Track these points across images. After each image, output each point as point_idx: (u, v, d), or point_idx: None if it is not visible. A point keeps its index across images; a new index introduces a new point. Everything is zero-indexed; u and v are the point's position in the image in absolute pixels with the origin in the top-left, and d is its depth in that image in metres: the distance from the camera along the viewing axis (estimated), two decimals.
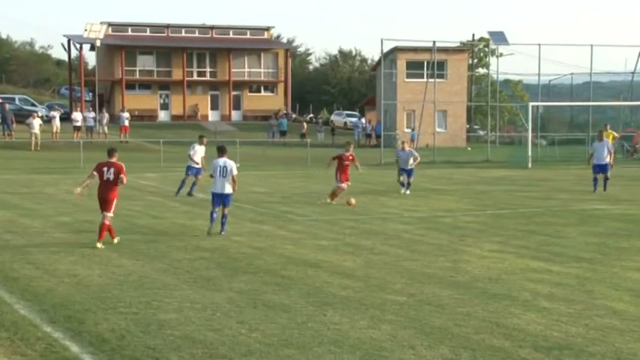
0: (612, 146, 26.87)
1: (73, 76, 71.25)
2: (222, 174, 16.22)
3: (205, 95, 70.07)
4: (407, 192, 24.57)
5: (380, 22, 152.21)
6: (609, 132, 35.30)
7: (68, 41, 68.35)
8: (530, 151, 39.67)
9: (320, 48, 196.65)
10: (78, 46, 67.95)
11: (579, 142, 48.36)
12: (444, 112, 56.37)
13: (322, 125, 63.62)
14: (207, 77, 70.35)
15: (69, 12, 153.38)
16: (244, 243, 15.31)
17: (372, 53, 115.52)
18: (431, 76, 46.63)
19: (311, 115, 78.54)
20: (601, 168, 25.33)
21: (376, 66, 65.61)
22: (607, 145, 25.69)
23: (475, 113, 67.22)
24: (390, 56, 57.29)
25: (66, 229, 16.88)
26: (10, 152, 40.14)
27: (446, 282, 11.96)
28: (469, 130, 61.66)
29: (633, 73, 49.04)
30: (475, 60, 70.02)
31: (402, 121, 57.33)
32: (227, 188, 16.28)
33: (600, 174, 25.33)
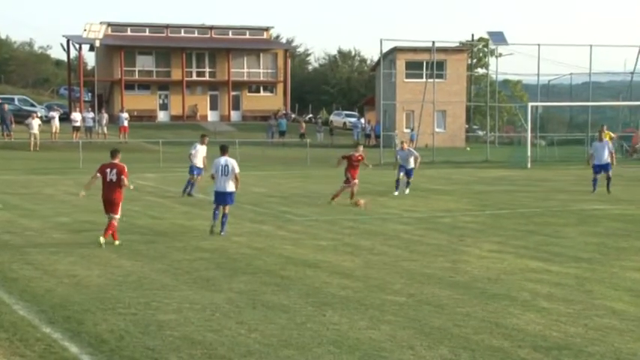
0: (612, 146, 26.86)
1: (72, 77, 71.19)
2: (223, 172, 16.26)
3: (204, 95, 70.05)
4: (406, 191, 24.54)
5: (379, 23, 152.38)
6: (606, 132, 35.29)
7: (67, 41, 68.31)
8: (529, 152, 39.71)
9: (319, 48, 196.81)
10: (77, 47, 67.94)
11: (578, 143, 48.39)
12: (443, 112, 56.38)
13: (322, 125, 63.62)
14: (206, 77, 70.32)
15: (68, 12, 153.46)
16: (244, 243, 15.31)
17: (372, 53, 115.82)
18: (430, 77, 46.63)
19: (310, 116, 78.51)
20: (602, 168, 25.33)
21: (375, 66, 65.62)
22: (607, 146, 25.69)
23: (474, 113, 67.26)
24: (390, 56, 57.30)
25: (65, 230, 16.88)
26: (9, 153, 40.11)
27: (445, 282, 11.96)
28: (468, 131, 61.69)
29: (632, 74, 49.06)
30: (474, 60, 70.05)
31: (402, 121, 57.34)
32: (229, 187, 16.30)
33: (600, 174, 25.31)
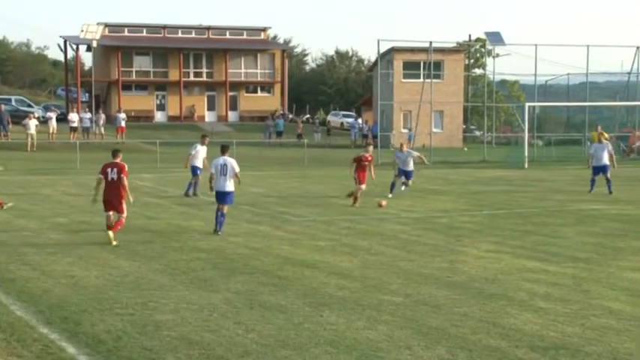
0: (612, 148, 26.83)
1: (70, 77, 71.06)
2: (222, 172, 16.35)
3: (202, 96, 69.98)
4: (402, 187, 24.36)
5: (377, 23, 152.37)
6: (601, 132, 35.29)
7: (64, 42, 68.21)
8: (526, 152, 39.74)
9: (317, 48, 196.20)
10: (74, 47, 67.84)
11: (576, 143, 48.47)
12: (441, 113, 56.39)
13: (319, 126, 63.60)
14: (203, 78, 70.25)
15: (65, 13, 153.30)
16: (241, 243, 15.32)
17: (369, 54, 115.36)
18: (427, 77, 46.67)
19: (307, 116, 78.48)
20: (601, 170, 25.33)
21: (373, 66, 65.61)
22: (607, 147, 25.70)
23: (472, 113, 67.25)
24: (387, 57, 57.31)
25: (62, 230, 16.87)
26: (6, 153, 40.01)
27: (442, 282, 11.97)
28: (465, 131, 61.68)
29: (629, 74, 49.15)
30: (472, 60, 70.00)
31: (399, 122, 57.36)
32: (228, 186, 16.37)
33: (599, 176, 25.30)
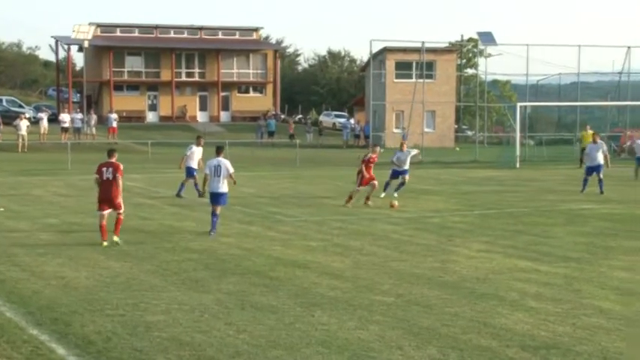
0: (606, 149, 26.82)
1: (61, 78, 70.90)
2: (215, 173, 16.36)
3: (194, 96, 69.90)
4: (395, 194, 23.54)
5: (369, 23, 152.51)
6: (589, 132, 35.38)
7: (56, 42, 68.07)
8: (518, 151, 39.80)
9: (309, 48, 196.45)
10: (66, 47, 67.66)
11: (567, 143, 48.59)
12: (433, 113, 56.46)
13: (311, 126, 63.61)
14: (195, 78, 70.18)
15: (57, 13, 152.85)
16: (233, 244, 15.30)
17: (361, 54, 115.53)
18: (420, 77, 46.76)
19: (300, 116, 78.47)
20: (594, 169, 25.38)
21: (365, 66, 65.67)
22: (601, 148, 25.74)
23: (463, 113, 67.36)
24: (379, 57, 57.36)
25: (53, 231, 16.80)
26: None
27: (434, 282, 11.97)
28: (457, 131, 61.78)
29: (620, 74, 49.36)
30: (464, 60, 70.12)
31: (391, 122, 57.40)
32: (221, 187, 16.39)
33: (592, 175, 25.33)
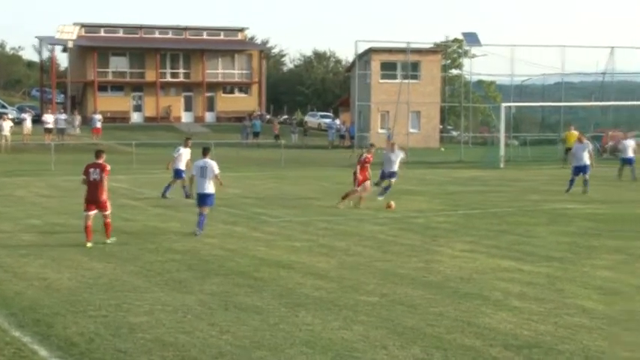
0: (592, 148, 26.94)
1: (45, 78, 70.52)
2: (202, 174, 16.39)
3: (179, 97, 69.68)
4: (380, 198, 23.46)
5: (355, 24, 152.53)
6: (572, 132, 35.55)
7: (40, 43, 67.70)
8: (502, 152, 39.94)
9: (294, 49, 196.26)
10: (50, 48, 67.29)
11: (551, 143, 48.79)
12: (418, 113, 56.57)
13: (296, 126, 63.60)
14: (180, 78, 69.96)
15: (41, 13, 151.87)
16: (216, 245, 15.26)
17: (347, 54, 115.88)
18: (405, 77, 46.84)
19: (285, 116, 78.43)
20: (580, 170, 25.51)
21: (350, 67, 65.71)
22: (587, 148, 25.89)
23: (448, 114, 67.54)
24: (365, 57, 57.42)
25: (35, 232, 16.71)
26: None
27: (418, 282, 12.00)
28: (442, 131, 61.95)
29: (604, 74, 49.65)
30: (448, 61, 70.33)
31: (376, 122, 57.46)
32: (208, 188, 16.41)
33: (579, 176, 25.45)
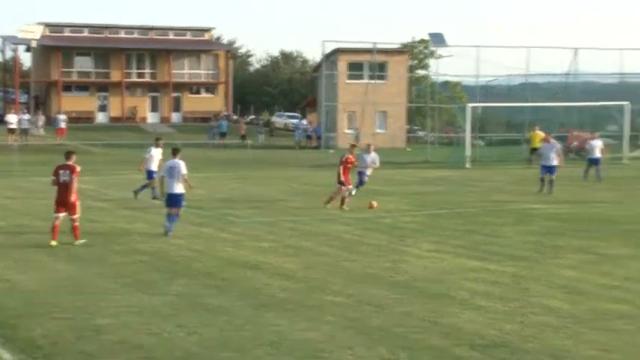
0: (560, 148, 27.17)
1: (7, 78, 69.59)
2: (171, 175, 16.42)
3: (145, 97, 69.14)
4: (353, 192, 23.55)
5: (321, 24, 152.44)
6: (537, 133, 35.88)
7: (2, 42, 66.72)
8: (468, 152, 40.18)
9: (261, 49, 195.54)
10: (13, 47, 66.38)
11: (516, 143, 49.22)
12: (384, 113, 56.74)
13: (263, 127, 63.45)
14: (146, 79, 69.44)
15: (3, 12, 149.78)
16: (183, 246, 15.19)
17: (314, 54, 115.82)
18: (371, 78, 46.97)
19: (252, 117, 78.22)
20: (547, 169, 25.74)
21: (317, 67, 65.72)
22: (555, 147, 26.12)
23: (415, 114, 67.84)
24: (331, 57, 57.45)
25: None
26: None
27: (385, 282, 12.04)
28: (409, 131, 62.19)
29: (568, 75, 50.23)
30: (415, 61, 70.62)
31: (343, 122, 57.50)
32: (177, 188, 16.39)
33: (547, 175, 25.71)
